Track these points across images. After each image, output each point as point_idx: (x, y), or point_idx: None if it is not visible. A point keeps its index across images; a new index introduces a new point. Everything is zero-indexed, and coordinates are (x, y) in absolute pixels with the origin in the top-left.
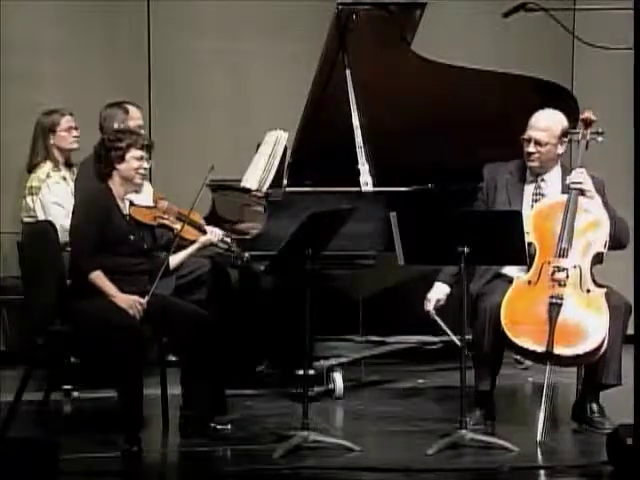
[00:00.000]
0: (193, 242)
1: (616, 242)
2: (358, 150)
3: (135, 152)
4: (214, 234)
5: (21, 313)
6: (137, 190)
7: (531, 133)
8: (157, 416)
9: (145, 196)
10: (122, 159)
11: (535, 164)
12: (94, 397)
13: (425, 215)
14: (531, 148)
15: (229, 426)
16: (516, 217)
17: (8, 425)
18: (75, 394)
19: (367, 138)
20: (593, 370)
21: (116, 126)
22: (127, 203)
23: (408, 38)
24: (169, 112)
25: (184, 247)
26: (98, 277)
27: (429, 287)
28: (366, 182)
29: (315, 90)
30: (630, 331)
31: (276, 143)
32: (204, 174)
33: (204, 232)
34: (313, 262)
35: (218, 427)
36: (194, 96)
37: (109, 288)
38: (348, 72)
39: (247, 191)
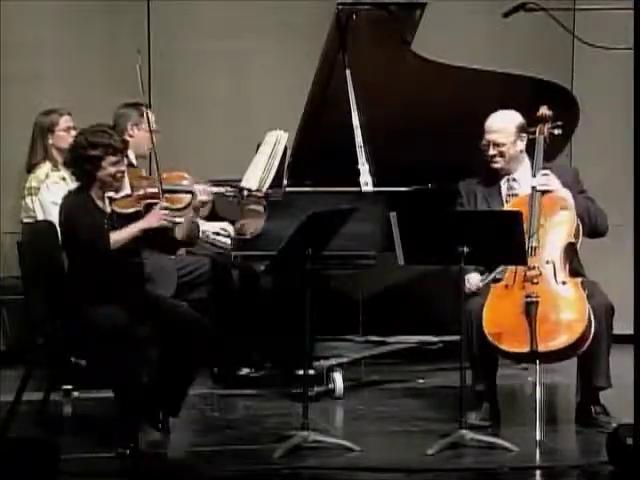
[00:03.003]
0: (185, 208)
1: (593, 231)
2: (358, 150)
3: (110, 158)
4: (204, 192)
5: (21, 313)
6: (117, 190)
7: (488, 137)
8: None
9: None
10: (98, 167)
11: (499, 165)
12: (94, 397)
13: (425, 215)
14: (491, 151)
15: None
16: (516, 217)
17: (8, 425)
18: (75, 394)
19: (367, 138)
20: (583, 374)
21: (129, 127)
22: (107, 201)
23: (408, 38)
24: (169, 112)
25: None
26: (116, 241)
27: (429, 287)
28: (366, 182)
29: (315, 90)
30: (629, 331)
31: (276, 143)
32: (204, 174)
33: (192, 193)
34: (313, 262)
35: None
36: (194, 96)
37: (131, 229)
38: (348, 72)
39: (247, 191)
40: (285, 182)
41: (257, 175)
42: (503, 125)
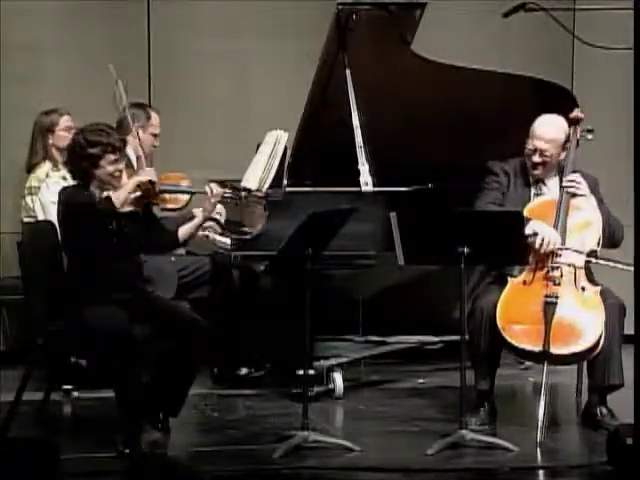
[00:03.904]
0: (181, 209)
1: (610, 241)
2: (358, 150)
3: (109, 156)
4: (212, 191)
5: (21, 313)
6: (116, 189)
7: (537, 144)
8: None
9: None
10: (97, 166)
11: (540, 172)
12: (94, 397)
13: (425, 215)
14: (537, 159)
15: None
16: (516, 217)
17: (8, 425)
18: (75, 394)
19: (367, 138)
20: (596, 373)
21: (135, 129)
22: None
23: (408, 38)
24: (169, 112)
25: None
26: (109, 201)
27: (429, 287)
28: (366, 182)
29: (315, 90)
30: (630, 331)
31: (276, 143)
32: (204, 174)
33: (191, 194)
34: (313, 262)
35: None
36: (194, 96)
37: (123, 190)
38: (348, 72)
39: (247, 191)
40: (285, 182)
41: (257, 175)
42: (555, 136)
